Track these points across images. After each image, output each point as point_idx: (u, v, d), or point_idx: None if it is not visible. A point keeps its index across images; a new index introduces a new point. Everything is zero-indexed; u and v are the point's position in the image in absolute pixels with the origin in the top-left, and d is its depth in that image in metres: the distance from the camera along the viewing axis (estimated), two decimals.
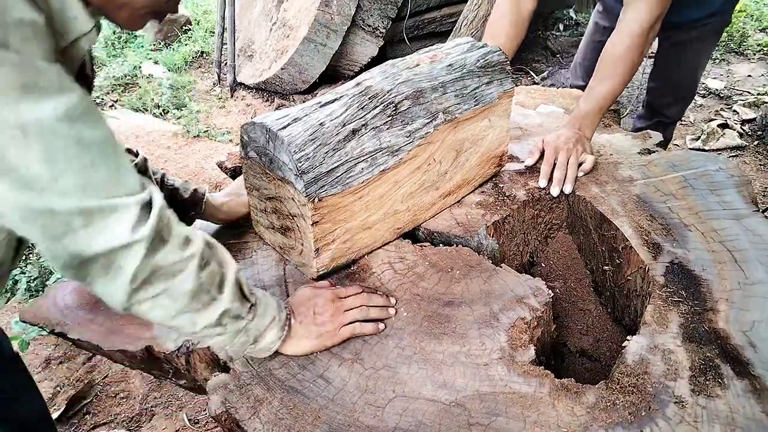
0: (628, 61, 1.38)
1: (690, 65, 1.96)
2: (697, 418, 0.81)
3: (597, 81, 1.42)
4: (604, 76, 1.41)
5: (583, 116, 1.42)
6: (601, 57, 1.43)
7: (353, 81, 1.13)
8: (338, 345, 0.96)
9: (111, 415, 1.81)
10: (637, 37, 1.36)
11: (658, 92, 2.12)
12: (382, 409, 0.85)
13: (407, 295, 1.05)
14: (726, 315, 0.97)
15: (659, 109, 2.14)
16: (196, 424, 1.78)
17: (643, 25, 1.36)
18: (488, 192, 1.33)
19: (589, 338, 1.20)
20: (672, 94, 2.08)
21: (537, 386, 0.87)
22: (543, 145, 1.40)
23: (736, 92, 3.68)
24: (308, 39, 3.55)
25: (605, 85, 1.40)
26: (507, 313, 0.99)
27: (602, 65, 1.42)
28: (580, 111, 1.43)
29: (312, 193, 0.97)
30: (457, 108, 1.17)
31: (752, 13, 4.54)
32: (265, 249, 1.18)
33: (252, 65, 3.96)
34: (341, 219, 1.05)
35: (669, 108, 2.11)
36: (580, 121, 1.42)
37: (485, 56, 1.24)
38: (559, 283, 1.30)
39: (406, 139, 1.09)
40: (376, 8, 3.69)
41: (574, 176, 1.33)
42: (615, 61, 1.39)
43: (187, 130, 3.39)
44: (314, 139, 0.98)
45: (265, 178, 1.06)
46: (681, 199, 1.26)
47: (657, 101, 2.14)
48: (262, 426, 0.83)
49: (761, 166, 3.01)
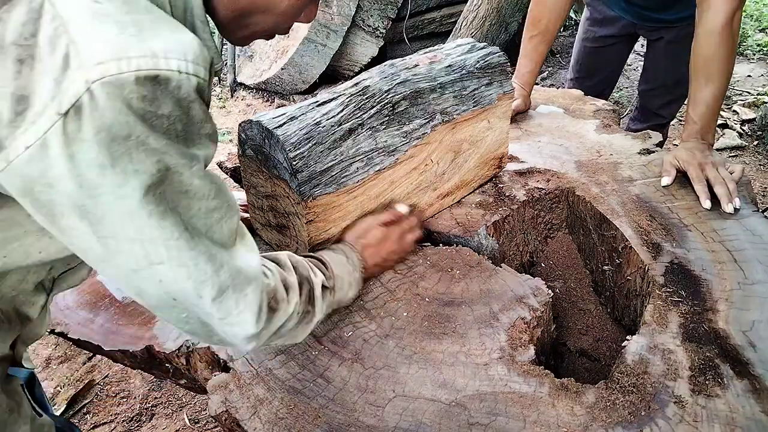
0: (720, 60, 1.34)
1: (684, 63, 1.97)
2: (696, 418, 0.81)
3: (698, 87, 1.37)
4: (702, 80, 1.36)
5: (700, 125, 1.36)
6: (692, 62, 1.38)
7: (351, 81, 1.13)
8: None
9: (111, 415, 1.81)
10: (722, 30, 1.32)
11: (651, 93, 2.11)
12: (382, 408, 0.86)
13: (407, 295, 1.05)
14: (726, 315, 0.97)
15: (653, 110, 2.14)
16: (197, 423, 1.78)
17: (726, 17, 1.31)
18: (488, 192, 1.33)
19: (588, 338, 1.20)
20: (666, 94, 2.07)
21: (537, 386, 0.87)
22: (680, 165, 1.32)
23: (735, 92, 3.68)
24: (308, 39, 3.55)
25: (708, 89, 1.35)
26: (507, 312, 0.99)
27: (697, 70, 1.37)
28: (694, 121, 1.38)
29: (306, 191, 0.97)
30: (455, 109, 1.17)
31: (752, 13, 4.55)
32: (264, 249, 1.18)
33: (252, 65, 3.96)
34: (336, 218, 1.05)
35: (663, 108, 2.11)
36: (700, 132, 1.36)
37: (485, 57, 1.24)
38: (559, 283, 1.30)
39: (403, 140, 1.09)
40: (376, 8, 3.69)
41: (736, 188, 1.25)
42: (707, 62, 1.35)
43: None
44: (309, 138, 0.98)
45: (262, 176, 1.06)
46: (681, 199, 1.27)
47: (651, 102, 2.13)
48: (263, 426, 0.84)
49: (761, 166, 3.01)
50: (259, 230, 1.19)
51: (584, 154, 1.47)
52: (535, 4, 1.68)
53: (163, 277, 0.63)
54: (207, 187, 0.64)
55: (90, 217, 0.57)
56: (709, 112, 1.36)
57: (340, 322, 1.00)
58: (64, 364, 2.00)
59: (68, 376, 1.94)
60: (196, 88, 0.59)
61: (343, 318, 1.01)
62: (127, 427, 1.78)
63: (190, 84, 0.58)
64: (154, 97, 0.55)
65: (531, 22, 1.69)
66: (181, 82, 0.57)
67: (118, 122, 0.53)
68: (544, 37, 1.68)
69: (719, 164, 1.29)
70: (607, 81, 2.23)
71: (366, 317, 1.01)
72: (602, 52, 2.11)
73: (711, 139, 1.37)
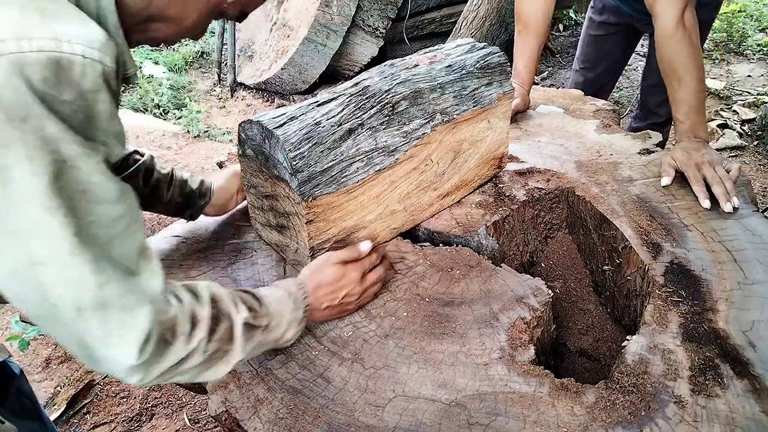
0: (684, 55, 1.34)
1: None
2: (696, 418, 0.81)
3: (672, 90, 1.38)
4: (674, 83, 1.36)
5: (690, 124, 1.36)
6: (660, 67, 1.39)
7: (351, 81, 1.13)
8: None
9: (111, 415, 1.81)
10: (674, 31, 1.33)
11: (651, 91, 2.13)
12: (382, 408, 0.86)
13: (407, 295, 1.05)
14: (726, 315, 0.97)
15: (653, 108, 2.15)
16: (197, 423, 1.78)
17: (676, 17, 1.33)
18: (488, 192, 1.33)
19: (588, 338, 1.20)
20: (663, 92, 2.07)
21: (537, 386, 0.87)
22: (678, 165, 1.32)
23: (735, 92, 3.68)
24: (308, 39, 3.56)
25: (683, 89, 1.35)
26: (507, 312, 0.99)
27: (666, 74, 1.38)
28: (681, 122, 1.38)
29: (306, 191, 0.97)
30: (455, 109, 1.17)
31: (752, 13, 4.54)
32: (265, 249, 1.18)
33: (252, 65, 3.96)
34: (336, 218, 1.05)
35: (660, 107, 2.11)
36: (691, 129, 1.36)
37: (485, 57, 1.24)
38: (559, 283, 1.30)
39: (403, 140, 1.09)
40: (376, 8, 3.70)
41: (733, 187, 1.25)
42: (671, 64, 1.36)
43: (188, 131, 3.39)
44: (309, 138, 0.98)
45: (262, 176, 1.06)
46: (681, 199, 1.27)
47: (651, 100, 2.15)
48: (263, 426, 0.84)
49: (761, 166, 3.01)
50: (259, 230, 1.19)
51: (584, 154, 1.47)
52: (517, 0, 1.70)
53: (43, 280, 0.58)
54: (109, 188, 0.60)
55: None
56: (693, 109, 1.37)
57: (340, 322, 1.00)
58: (64, 364, 2.00)
59: (68, 376, 1.95)
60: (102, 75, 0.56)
61: (343, 318, 1.01)
62: (127, 427, 1.78)
63: (94, 71, 0.55)
64: (56, 81, 0.53)
65: (516, 18, 1.71)
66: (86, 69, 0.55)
67: (17, 101, 0.51)
68: (530, 31, 1.67)
69: (717, 163, 1.29)
70: (609, 73, 2.25)
71: (366, 317, 1.01)
72: (604, 40, 2.15)
73: (704, 134, 1.37)
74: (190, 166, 3.02)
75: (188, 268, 1.15)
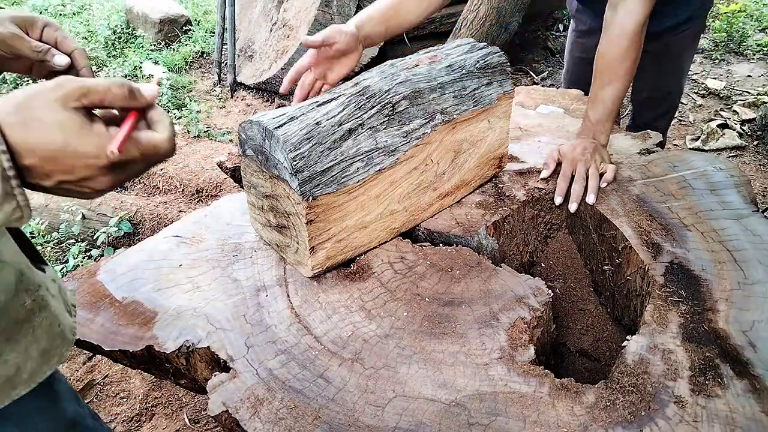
0: (628, 61, 1.35)
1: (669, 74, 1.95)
2: (696, 418, 0.81)
3: (599, 86, 1.39)
4: (606, 80, 1.37)
5: (594, 124, 1.39)
6: (597, 62, 1.40)
7: (351, 81, 1.13)
8: None
9: (111, 415, 1.81)
10: (632, 34, 1.34)
11: (642, 107, 2.09)
12: (382, 409, 0.86)
13: (407, 295, 1.05)
14: (726, 315, 0.97)
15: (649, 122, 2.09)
16: (197, 423, 1.78)
17: (639, 20, 1.33)
18: (488, 192, 1.33)
19: (588, 338, 1.20)
20: (656, 107, 2.06)
21: (537, 386, 0.87)
22: (559, 156, 1.36)
23: (735, 92, 3.68)
24: None
25: (610, 89, 1.37)
26: (507, 312, 0.99)
27: (601, 70, 1.39)
28: (589, 120, 1.40)
29: (306, 191, 0.97)
30: (455, 109, 1.17)
31: (752, 13, 4.54)
32: (265, 249, 1.18)
33: (252, 65, 3.96)
34: (336, 218, 1.05)
35: (655, 121, 2.07)
36: (592, 130, 1.39)
37: (485, 57, 1.25)
38: (559, 283, 1.31)
39: (403, 140, 1.09)
40: None
41: (597, 186, 1.28)
42: (613, 63, 1.36)
43: (188, 130, 3.39)
44: (310, 138, 0.98)
45: (262, 176, 1.06)
46: (680, 199, 1.27)
47: (644, 115, 2.10)
48: (263, 426, 0.84)
49: (761, 166, 3.01)
50: (259, 230, 1.19)
51: None
52: None
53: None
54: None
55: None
56: (606, 113, 1.38)
57: (340, 322, 1.00)
58: (64, 364, 2.00)
59: (68, 376, 1.94)
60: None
61: (344, 318, 1.01)
62: (127, 427, 1.78)
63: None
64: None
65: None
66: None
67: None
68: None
69: (594, 163, 1.32)
70: None
71: (366, 317, 1.01)
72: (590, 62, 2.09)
73: (603, 140, 1.40)
74: (190, 166, 3.02)
75: (188, 268, 1.15)
